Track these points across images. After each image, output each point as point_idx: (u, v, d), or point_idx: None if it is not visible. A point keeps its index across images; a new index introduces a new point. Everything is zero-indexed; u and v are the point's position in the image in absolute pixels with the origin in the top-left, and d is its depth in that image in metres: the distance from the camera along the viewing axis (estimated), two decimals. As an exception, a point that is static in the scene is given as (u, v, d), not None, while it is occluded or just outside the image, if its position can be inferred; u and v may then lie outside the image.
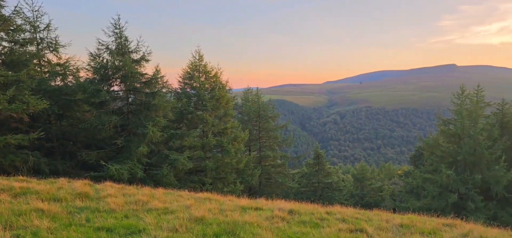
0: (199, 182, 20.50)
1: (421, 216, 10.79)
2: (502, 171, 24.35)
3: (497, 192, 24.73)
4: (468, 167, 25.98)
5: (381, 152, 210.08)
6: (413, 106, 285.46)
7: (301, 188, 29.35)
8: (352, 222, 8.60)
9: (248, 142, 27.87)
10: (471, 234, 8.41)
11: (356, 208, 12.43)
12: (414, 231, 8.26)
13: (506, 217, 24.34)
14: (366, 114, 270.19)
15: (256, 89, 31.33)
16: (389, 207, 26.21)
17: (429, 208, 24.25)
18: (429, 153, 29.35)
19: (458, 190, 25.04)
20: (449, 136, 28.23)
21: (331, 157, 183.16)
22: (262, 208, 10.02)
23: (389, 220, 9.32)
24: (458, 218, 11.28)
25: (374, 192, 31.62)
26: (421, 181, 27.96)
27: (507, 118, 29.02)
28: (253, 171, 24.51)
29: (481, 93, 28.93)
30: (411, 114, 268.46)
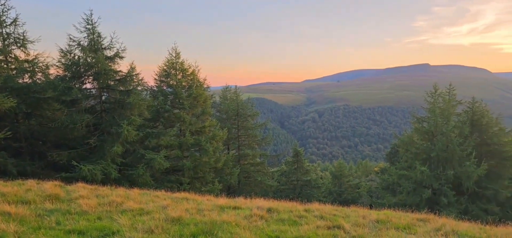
0: (177, 181, 20.22)
1: (396, 211, 11.13)
2: (473, 166, 25.52)
3: (468, 187, 25.91)
4: (441, 164, 27.06)
5: (358, 149, 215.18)
6: (389, 104, 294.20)
7: (280, 186, 29.57)
8: (330, 219, 8.74)
9: (226, 140, 27.75)
10: (443, 228, 8.75)
11: (334, 205, 12.64)
12: (389, 226, 8.51)
13: (476, 211, 25.55)
14: (343, 112, 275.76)
15: (235, 87, 31.24)
16: (366, 203, 26.88)
17: (405, 203, 25.10)
18: (404, 150, 30.34)
19: (432, 186, 26.03)
20: (423, 133, 29.30)
21: (310, 155, 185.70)
22: (240, 207, 10.01)
23: (366, 216, 9.54)
24: (432, 213, 11.72)
25: (351, 189, 32.33)
26: (397, 178, 28.87)
27: (477, 116, 30.43)
28: (232, 170, 24.44)
29: (452, 92, 30.24)
30: (387, 112, 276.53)
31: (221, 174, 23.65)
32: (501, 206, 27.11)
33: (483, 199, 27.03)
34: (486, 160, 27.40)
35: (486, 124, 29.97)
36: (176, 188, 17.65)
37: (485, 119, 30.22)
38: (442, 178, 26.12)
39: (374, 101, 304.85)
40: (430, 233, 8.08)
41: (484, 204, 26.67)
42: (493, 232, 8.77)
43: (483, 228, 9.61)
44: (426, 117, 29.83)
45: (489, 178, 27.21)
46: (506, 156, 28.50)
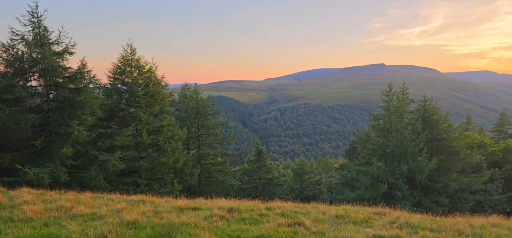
0: (133, 183, 19.47)
1: (355, 206, 11.59)
2: (425, 161, 27.38)
3: (421, 180, 27.76)
4: (396, 159, 28.71)
5: (319, 146, 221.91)
6: (348, 102, 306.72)
7: (242, 185, 29.61)
8: (291, 216, 8.90)
9: (186, 140, 27.23)
10: (398, 220, 9.28)
11: (296, 202, 12.90)
12: (348, 221, 8.85)
13: (428, 203, 27.44)
14: (305, 110, 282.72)
15: (195, 85, 30.70)
16: (327, 199, 27.79)
17: (363, 198, 26.32)
18: (362, 147, 31.79)
19: (388, 180, 27.53)
20: (379, 130, 30.90)
21: (272, 153, 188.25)
22: (201, 208, 9.88)
23: (326, 212, 9.85)
24: (388, 207, 12.38)
25: (313, 185, 33.24)
26: (355, 173, 30.19)
27: (428, 113, 32.68)
28: (192, 170, 24.03)
29: (406, 91, 32.21)
30: (346, 110, 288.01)
31: (180, 175, 23.16)
32: (450, 198, 29.38)
33: (434, 192, 29.10)
34: (436, 155, 29.56)
35: (436, 121, 32.32)
36: (132, 190, 16.97)
37: (435, 116, 32.58)
38: (397, 172, 27.73)
39: (333, 100, 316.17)
40: (386, 226, 8.52)
41: (435, 197, 28.73)
42: (442, 223, 9.44)
43: (433, 219, 10.32)
44: (382, 115, 31.51)
45: (439, 172, 29.34)
46: (454, 151, 30.93)
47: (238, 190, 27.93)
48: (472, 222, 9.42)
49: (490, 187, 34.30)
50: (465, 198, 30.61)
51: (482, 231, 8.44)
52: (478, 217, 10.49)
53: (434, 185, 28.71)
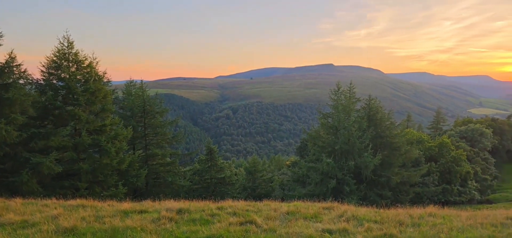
0: (72, 187, 18.18)
1: (305, 202, 11.96)
2: (370, 157, 29.17)
3: (366, 175, 29.53)
4: (344, 155, 30.22)
5: (271, 145, 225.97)
6: (299, 101, 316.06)
7: (193, 186, 29.08)
8: (243, 214, 8.94)
9: (132, 140, 26.05)
10: (345, 214, 9.76)
11: (248, 200, 12.97)
12: (298, 217, 9.11)
13: (373, 196, 29.30)
14: (257, 109, 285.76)
15: (141, 82, 29.44)
16: (279, 196, 28.36)
17: (313, 194, 27.32)
18: (312, 144, 32.97)
19: (336, 176, 28.87)
20: (328, 128, 32.28)
21: (224, 152, 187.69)
22: (147, 210, 9.53)
23: (277, 209, 10.04)
24: (336, 201, 12.97)
25: (265, 183, 33.74)
26: (306, 170, 31.24)
27: (373, 111, 34.87)
28: (139, 172, 23.06)
29: (353, 90, 34.04)
30: (297, 108, 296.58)
31: (125, 177, 22.09)
32: (393, 190, 31.67)
33: (379, 186, 31.16)
34: (380, 150, 31.65)
35: (380, 119, 34.63)
36: (71, 195, 15.84)
37: (379, 114, 34.90)
38: (345, 168, 29.22)
39: (285, 98, 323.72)
40: (334, 220, 8.92)
41: (379, 190, 30.78)
42: (385, 214, 10.11)
43: (378, 211, 11.02)
44: (331, 113, 32.97)
45: (383, 166, 31.46)
46: (396, 147, 33.37)
47: (188, 191, 27.37)
48: (412, 213, 10.21)
49: (427, 180, 37.62)
50: (406, 190, 33.22)
51: (420, 220, 9.19)
52: (417, 208, 11.39)
53: (378, 179, 30.73)
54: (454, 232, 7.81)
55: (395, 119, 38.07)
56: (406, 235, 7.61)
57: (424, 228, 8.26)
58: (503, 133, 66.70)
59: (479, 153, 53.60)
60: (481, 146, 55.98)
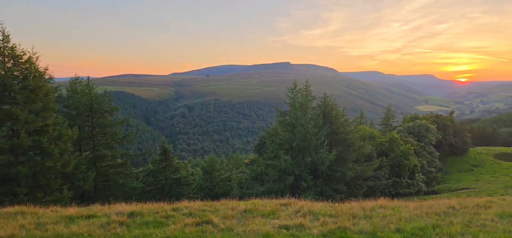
0: (9, 193, 16.76)
1: (263, 200, 12.09)
2: (326, 153, 30.23)
3: (322, 171, 30.56)
4: (301, 152, 31.01)
5: (229, 143, 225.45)
6: (257, 99, 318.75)
7: (146, 188, 28.11)
8: (199, 215, 8.82)
9: (78, 140, 24.58)
10: (302, 209, 10.02)
11: (205, 200, 12.83)
12: (256, 214, 9.18)
13: (329, 191, 30.40)
14: (214, 107, 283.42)
15: (88, 79, 27.83)
16: (237, 195, 28.39)
17: (271, 191, 27.73)
18: (270, 142, 33.43)
19: (294, 173, 29.55)
20: (285, 125, 32.92)
21: (180, 151, 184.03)
22: (96, 215, 9.07)
23: (235, 207, 10.04)
24: (294, 197, 13.27)
25: (223, 182, 33.58)
26: (264, 168, 31.63)
27: (328, 109, 36.17)
28: (86, 174, 21.85)
29: (309, 88, 35.05)
30: (255, 106, 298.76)
31: (71, 180, 20.83)
32: (348, 185, 33.10)
33: (334, 181, 32.41)
34: (335, 146, 32.93)
35: (335, 116, 36.03)
36: (8, 201, 14.56)
37: (334, 112, 36.30)
38: (302, 165, 30.00)
39: (243, 96, 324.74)
40: (291, 216, 9.12)
41: (335, 185, 32.01)
42: (340, 208, 10.54)
43: (333, 205, 11.45)
44: (288, 111, 33.67)
45: (338, 162, 32.74)
46: (349, 143, 34.91)
47: (141, 193, 26.40)
48: (364, 206, 10.74)
49: (379, 174, 39.82)
50: (360, 184, 34.90)
51: (372, 212, 9.70)
52: (369, 200, 12.00)
53: (334, 174, 31.95)
54: (402, 222, 8.34)
55: (349, 116, 39.83)
56: (359, 227, 7.98)
57: (375, 219, 8.73)
58: (446, 128, 72.47)
59: (425, 147, 57.78)
60: (427, 140, 60.37)
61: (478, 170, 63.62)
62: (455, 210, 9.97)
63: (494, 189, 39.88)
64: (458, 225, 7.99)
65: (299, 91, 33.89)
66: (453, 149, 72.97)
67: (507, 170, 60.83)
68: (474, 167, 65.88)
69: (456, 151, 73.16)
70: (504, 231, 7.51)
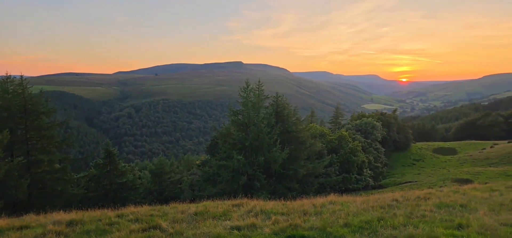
0: None
1: (215, 201, 11.99)
2: (278, 152, 30.78)
3: (275, 170, 31.10)
4: (254, 151, 31.28)
5: (180, 144, 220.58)
6: (209, 98, 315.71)
7: (88, 194, 26.52)
8: (146, 220, 8.50)
9: (9, 145, 22.51)
10: (254, 209, 10.10)
11: (154, 205, 12.43)
12: (207, 216, 9.07)
13: (282, 190, 31.00)
14: (163, 107, 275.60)
15: (20, 78, 25.59)
16: (188, 197, 27.88)
17: (224, 192, 27.62)
18: (223, 142, 33.29)
19: (247, 172, 29.71)
20: (238, 125, 33.00)
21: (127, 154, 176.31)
22: (29, 225, 8.38)
23: (185, 210, 9.83)
24: (247, 197, 13.33)
25: (173, 185, 32.78)
26: (217, 168, 31.41)
27: (280, 108, 36.87)
28: (19, 182, 20.11)
29: (261, 88, 35.48)
30: (207, 106, 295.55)
31: (1, 189, 19.01)
32: (300, 183, 34.02)
33: (287, 179, 33.13)
34: (287, 145, 33.66)
35: (287, 115, 36.86)
36: None
37: (286, 111, 37.12)
38: (255, 164, 30.28)
39: (195, 95, 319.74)
40: (243, 216, 9.14)
41: (287, 183, 32.74)
42: (292, 206, 10.78)
43: (285, 203, 11.68)
44: (241, 110, 33.79)
45: (290, 160, 33.52)
46: (301, 141, 35.91)
47: (83, 200, 24.85)
48: (315, 202, 11.10)
49: (330, 170, 41.44)
50: (311, 181, 36.04)
51: (322, 208, 10.06)
52: (320, 197, 12.44)
53: (286, 172, 32.66)
54: (350, 217, 8.74)
55: (300, 115, 40.95)
56: (310, 223, 8.22)
57: (325, 215, 9.06)
58: (390, 125, 77.46)
59: (371, 144, 61.23)
60: (373, 137, 64.02)
61: (419, 164, 68.80)
62: (398, 203, 10.67)
63: (434, 181, 43.44)
64: (400, 217, 8.56)
65: (251, 91, 34.16)
66: (397, 145, 78.24)
67: (445, 163, 66.57)
68: (416, 162, 71.12)
69: (399, 146, 78.56)
70: (441, 220, 8.18)
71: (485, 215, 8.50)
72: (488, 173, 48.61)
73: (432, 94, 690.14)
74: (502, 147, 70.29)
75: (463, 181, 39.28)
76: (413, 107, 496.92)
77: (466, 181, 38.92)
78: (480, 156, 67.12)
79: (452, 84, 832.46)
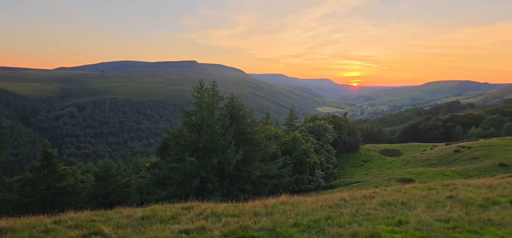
0: None
1: (163, 205, 11.72)
2: (232, 154, 30.79)
3: (229, 172, 31.06)
4: (207, 153, 30.99)
5: (128, 146, 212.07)
6: (160, 98, 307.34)
7: (23, 200, 24.53)
8: (87, 226, 8.09)
9: None
10: (205, 212, 10.03)
11: (98, 210, 11.86)
12: (154, 221, 8.84)
13: (236, 192, 31.03)
14: (110, 106, 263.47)
15: None
16: (137, 201, 26.94)
17: (175, 195, 27.05)
18: (174, 143, 32.58)
19: (200, 175, 29.36)
20: (191, 126, 32.51)
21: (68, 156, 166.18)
22: None
23: (131, 215, 9.50)
24: (200, 200, 13.19)
25: (120, 189, 31.45)
26: (168, 171, 30.65)
27: (235, 109, 36.93)
28: None
29: (216, 88, 35.28)
30: (158, 106, 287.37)
31: None
32: (254, 184, 34.28)
33: (241, 181, 33.24)
34: (242, 147, 33.80)
35: (242, 116, 37.02)
36: None
37: (241, 112, 37.27)
38: (208, 166, 30.01)
39: (145, 95, 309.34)
40: (193, 219, 9.04)
41: (241, 185, 32.85)
42: (243, 207, 10.86)
43: (237, 205, 11.73)
44: (194, 111, 33.33)
45: (245, 162, 33.70)
46: (256, 142, 36.26)
47: (16, 206, 22.94)
48: (266, 203, 11.29)
49: (283, 171, 42.30)
50: (265, 183, 36.50)
51: (273, 209, 10.25)
52: (272, 198, 12.65)
53: (240, 174, 32.77)
54: (300, 216, 9.02)
55: (256, 117, 41.40)
56: (260, 224, 8.35)
57: (276, 215, 9.26)
58: (341, 128, 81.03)
59: (323, 146, 63.57)
60: (325, 139, 66.53)
61: (367, 165, 72.65)
62: (345, 202, 11.20)
63: (380, 181, 46.12)
64: (347, 215, 9.00)
65: (206, 91, 33.85)
66: (347, 147, 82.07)
67: (390, 164, 70.95)
68: (364, 163, 75.03)
69: (349, 148, 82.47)
70: (384, 217, 8.73)
71: (422, 212, 9.22)
72: (428, 173, 52.67)
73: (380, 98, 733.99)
74: (440, 149, 76.58)
75: (406, 181, 42.20)
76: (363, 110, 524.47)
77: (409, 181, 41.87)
78: (421, 157, 72.53)
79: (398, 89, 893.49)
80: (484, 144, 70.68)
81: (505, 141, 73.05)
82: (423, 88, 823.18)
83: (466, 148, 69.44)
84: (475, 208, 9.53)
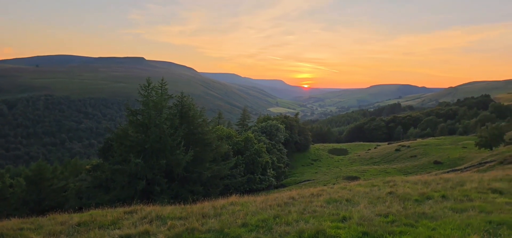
0: None
1: (103, 209, 11.17)
2: (182, 154, 30.16)
3: (178, 173, 30.39)
4: (155, 154, 30.04)
5: (66, 147, 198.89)
6: (103, 96, 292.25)
7: None
8: (14, 235, 7.47)
9: None
10: (149, 215, 9.70)
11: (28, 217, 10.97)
12: (93, 226, 8.37)
13: (185, 193, 30.42)
14: (45, 103, 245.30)
15: None
16: (75, 206, 25.38)
17: (119, 198, 25.86)
18: (118, 144, 31.13)
19: (146, 176, 28.38)
20: (137, 126, 31.31)
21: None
22: None
23: (66, 221, 8.92)
24: (146, 203, 12.73)
25: (55, 193, 29.39)
26: (111, 173, 29.21)
27: (185, 109, 36.21)
28: None
29: (165, 86, 34.31)
30: (100, 104, 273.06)
31: None
32: (204, 185, 33.87)
33: (191, 182, 32.68)
34: (192, 147, 33.24)
35: (193, 116, 36.41)
36: None
37: (192, 111, 36.64)
38: (156, 167, 29.10)
39: (86, 92, 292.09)
40: (136, 223, 8.70)
41: (191, 186, 32.29)
42: (191, 209, 10.67)
43: (184, 207, 11.50)
44: (140, 109, 32.13)
45: (195, 162, 33.19)
46: (207, 143, 35.86)
47: None
48: (215, 204, 11.20)
49: (235, 172, 42.36)
50: (216, 183, 36.27)
51: (222, 210, 10.20)
52: (221, 199, 12.58)
53: (190, 175, 32.22)
54: (248, 216, 9.07)
55: (207, 117, 40.91)
56: (208, 226, 8.26)
57: (224, 216, 9.22)
58: (292, 128, 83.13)
59: (275, 145, 64.73)
60: (277, 139, 67.79)
61: (317, 164, 75.28)
62: (294, 200, 11.47)
63: (328, 179, 47.98)
64: (295, 213, 9.22)
65: (153, 89, 32.82)
66: (298, 146, 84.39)
67: (338, 162, 74.16)
68: (314, 161, 77.64)
69: (300, 147, 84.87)
70: (329, 214, 9.08)
71: (364, 207, 9.74)
72: (372, 170, 55.86)
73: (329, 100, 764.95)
74: (383, 148, 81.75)
75: (352, 178, 44.40)
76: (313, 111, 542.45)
77: (354, 178, 44.09)
78: (366, 156, 76.84)
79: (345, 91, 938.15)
80: (421, 143, 76.81)
81: (439, 141, 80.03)
82: (368, 91, 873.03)
83: (405, 147, 74.92)
84: (411, 203, 10.26)
